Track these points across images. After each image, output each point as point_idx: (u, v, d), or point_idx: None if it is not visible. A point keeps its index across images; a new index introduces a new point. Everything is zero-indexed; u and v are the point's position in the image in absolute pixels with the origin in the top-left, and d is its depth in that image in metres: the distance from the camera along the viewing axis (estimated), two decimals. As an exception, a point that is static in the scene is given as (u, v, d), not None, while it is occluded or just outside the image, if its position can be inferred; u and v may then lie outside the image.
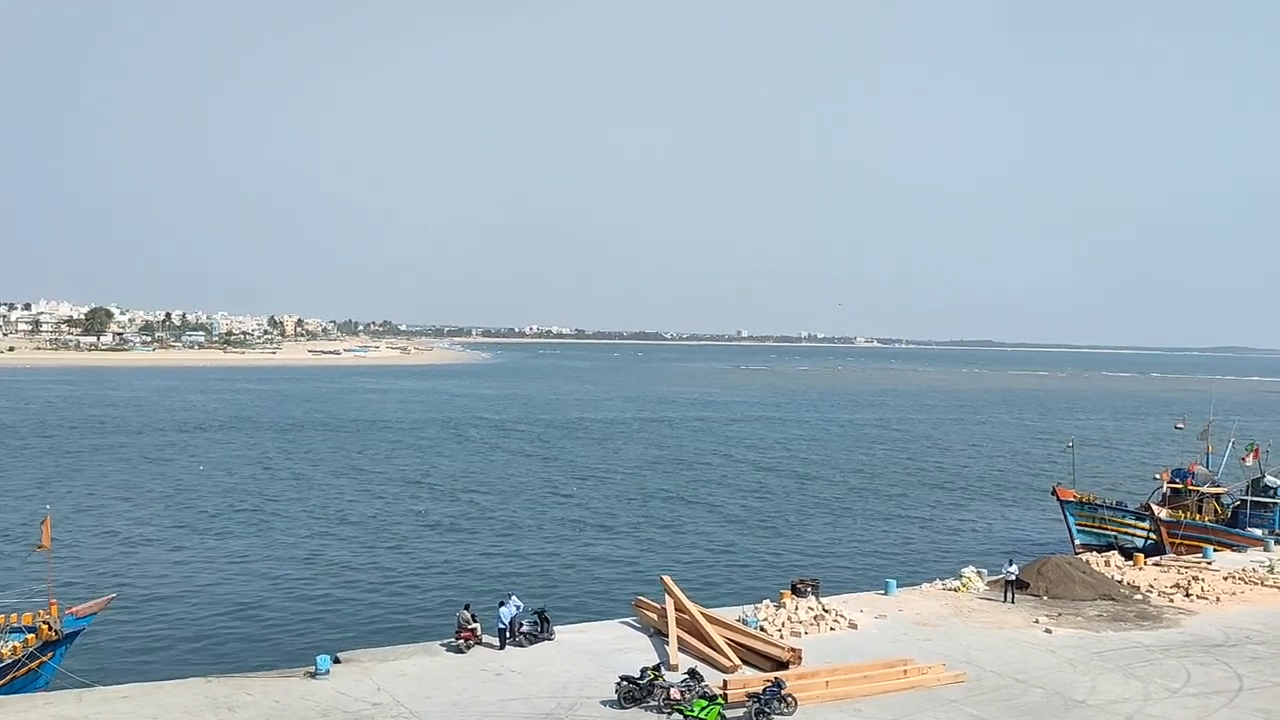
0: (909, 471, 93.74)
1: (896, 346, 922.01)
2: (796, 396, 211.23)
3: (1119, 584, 39.00)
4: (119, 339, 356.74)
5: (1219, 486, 56.26)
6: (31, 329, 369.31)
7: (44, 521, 32.76)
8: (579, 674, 27.60)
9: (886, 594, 37.36)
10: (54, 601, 30.90)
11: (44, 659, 29.29)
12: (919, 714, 25.06)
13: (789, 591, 35.88)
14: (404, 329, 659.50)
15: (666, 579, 33.89)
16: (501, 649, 29.78)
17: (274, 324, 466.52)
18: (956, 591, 38.26)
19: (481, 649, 29.89)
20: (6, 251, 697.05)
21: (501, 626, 30.04)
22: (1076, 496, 58.38)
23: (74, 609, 31.25)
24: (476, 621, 30.30)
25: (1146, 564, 44.37)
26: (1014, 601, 36.52)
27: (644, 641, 31.19)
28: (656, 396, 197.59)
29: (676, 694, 24.29)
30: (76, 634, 31.42)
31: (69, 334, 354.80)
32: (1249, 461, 58.51)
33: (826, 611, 33.47)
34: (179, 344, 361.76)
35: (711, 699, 24.05)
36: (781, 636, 31.23)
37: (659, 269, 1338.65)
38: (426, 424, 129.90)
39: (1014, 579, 37.19)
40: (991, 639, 31.90)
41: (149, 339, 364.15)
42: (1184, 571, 41.94)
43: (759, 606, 34.31)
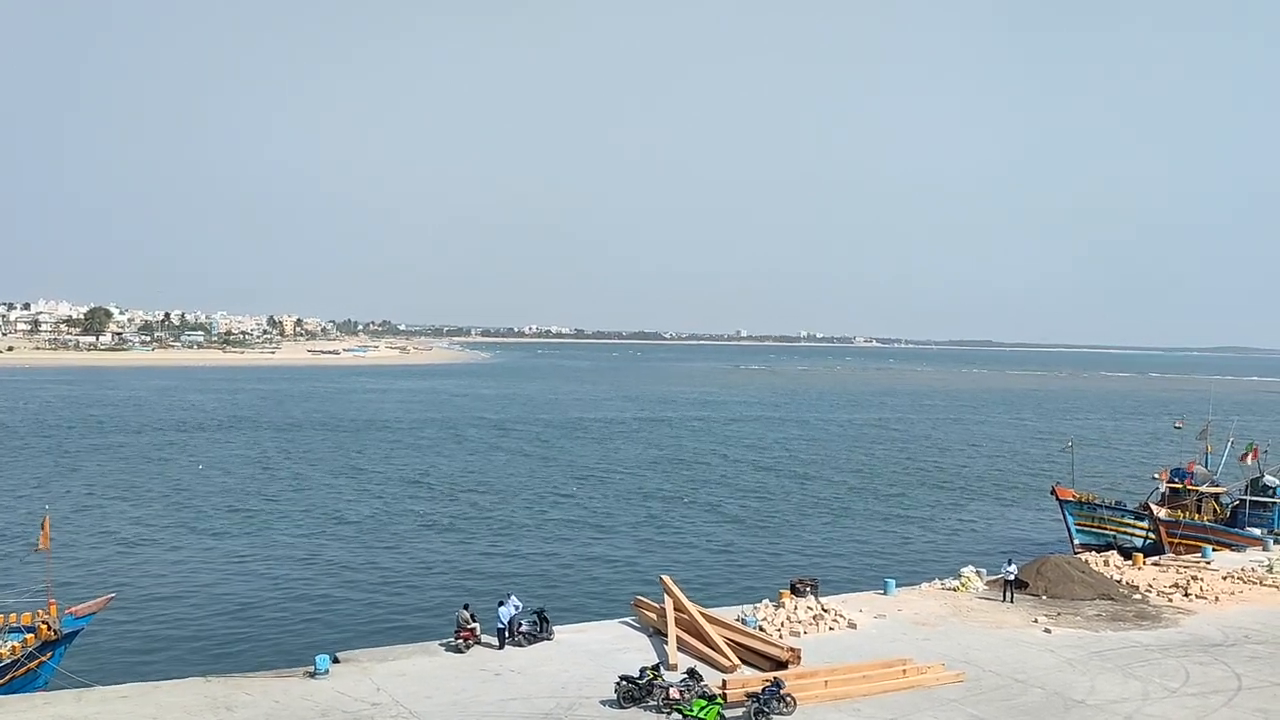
0: (908, 471, 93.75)
1: (895, 346, 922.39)
2: (795, 396, 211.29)
3: (1118, 584, 39.03)
4: (118, 339, 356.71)
5: (1218, 486, 56.28)
6: (30, 329, 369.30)
7: (43, 521, 32.79)
8: (578, 674, 27.61)
9: (885, 594, 37.38)
10: (53, 601, 30.88)
11: (43, 659, 29.28)
12: (918, 714, 25.07)
13: (788, 591, 35.90)
14: (403, 329, 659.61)
15: (665, 579, 33.91)
16: (501, 649, 29.79)
17: (273, 324, 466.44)
18: (955, 591, 38.28)
19: (481, 649, 29.90)
20: (6, 251, 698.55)
21: (501, 626, 30.06)
22: (1075, 496, 58.37)
23: (73, 609, 31.23)
24: (476, 621, 30.31)
25: (1145, 564, 44.41)
26: (1013, 601, 36.55)
27: (643, 641, 31.20)
28: (655, 396, 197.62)
29: (676, 694, 24.30)
30: (75, 634, 31.41)
31: (68, 334, 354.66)
32: (1248, 461, 58.54)
33: (825, 611, 33.49)
34: (178, 344, 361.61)
35: (711, 699, 24.06)
36: (780, 636, 31.24)
37: (659, 269, 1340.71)
38: (425, 424, 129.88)
39: (1013, 579, 37.23)
40: (990, 639, 31.92)
41: (148, 339, 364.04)
42: (1183, 571, 41.99)
43: (758, 606, 34.31)
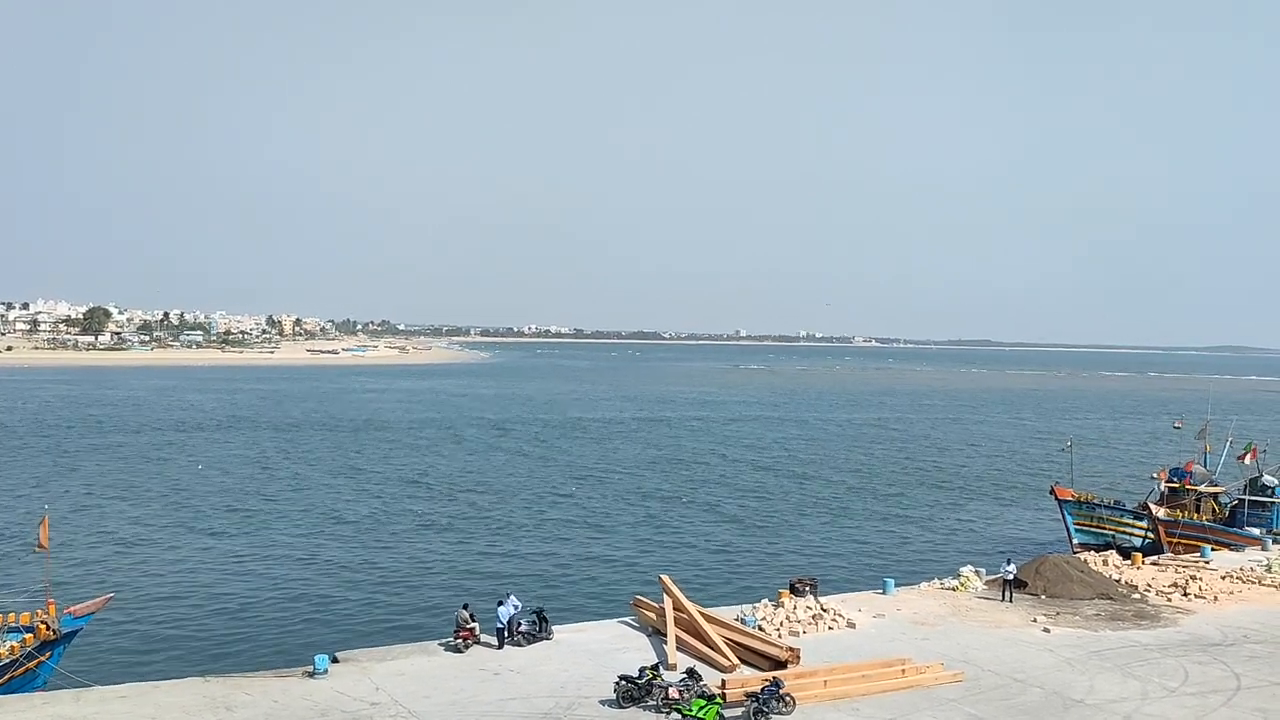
0: (907, 471, 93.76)
1: (895, 346, 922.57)
2: (794, 396, 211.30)
3: (1117, 583, 39.05)
4: (117, 338, 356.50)
5: (1216, 486, 56.30)
6: (29, 328, 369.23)
7: (42, 521, 32.80)
8: (577, 673, 27.61)
9: (884, 593, 37.39)
10: (52, 601, 30.87)
11: (42, 659, 29.27)
12: (917, 713, 25.08)
13: (787, 591, 35.92)
14: (402, 329, 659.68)
15: (665, 578, 33.91)
16: (500, 648, 29.79)
17: (272, 323, 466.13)
18: (954, 591, 38.28)
19: (480, 648, 29.91)
20: (5, 251, 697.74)
21: (500, 626, 30.06)
22: (1074, 496, 58.36)
23: (72, 609, 31.21)
24: (475, 621, 30.31)
25: (1144, 563, 44.43)
26: (1012, 601, 36.57)
27: (642, 641, 31.20)
28: (654, 396, 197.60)
29: (675, 693, 24.30)
30: (74, 634, 31.40)
31: (67, 333, 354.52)
32: (1246, 461, 58.57)
33: (825, 611, 33.50)
34: (177, 343, 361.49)
35: (710, 698, 24.05)
36: (780, 636, 31.23)
37: (659, 269, 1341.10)
38: (424, 423, 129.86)
39: (1012, 578, 37.23)
40: (989, 638, 31.93)
41: (147, 338, 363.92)
42: (1182, 571, 42.02)
43: (757, 606, 34.31)
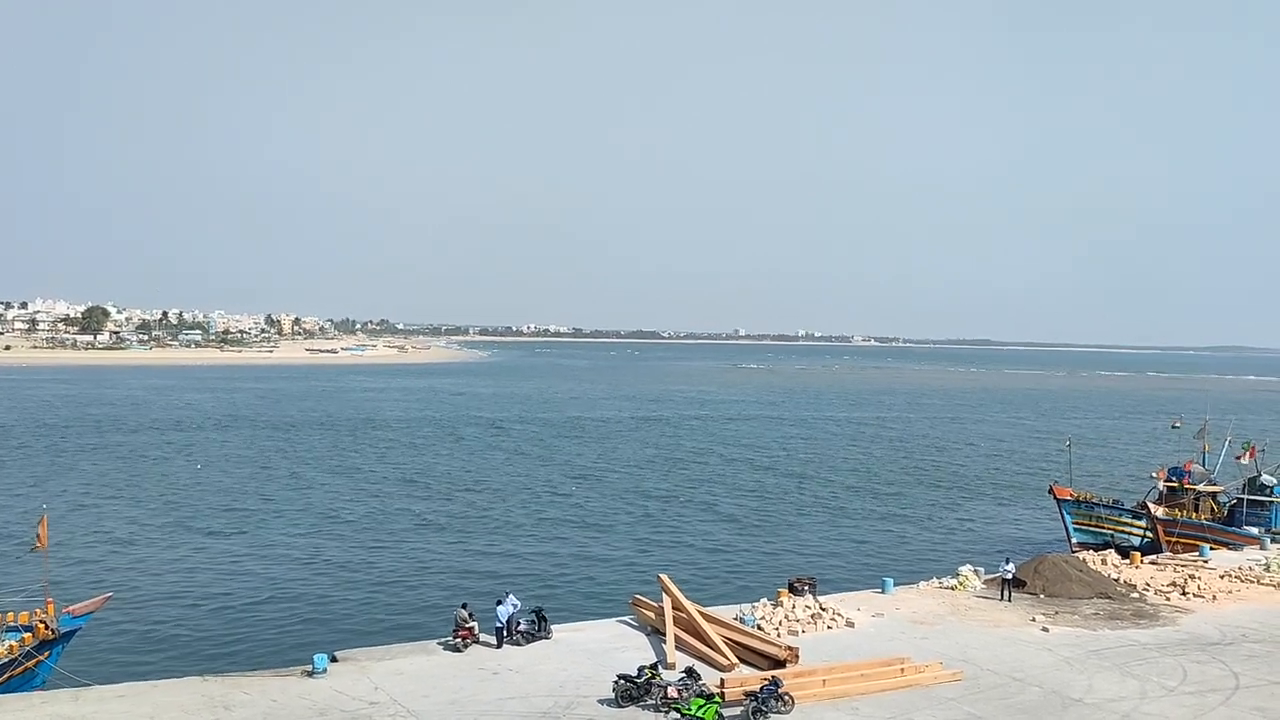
0: (906, 470, 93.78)
1: (894, 345, 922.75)
2: (793, 395, 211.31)
3: (1116, 582, 39.06)
4: (116, 338, 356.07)
5: (1215, 485, 56.34)
6: (28, 328, 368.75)
7: (40, 520, 32.77)
8: (576, 673, 27.60)
9: (883, 592, 37.39)
10: (50, 600, 30.87)
11: (40, 658, 29.25)
12: (916, 712, 25.08)
13: (786, 590, 35.92)
14: (401, 328, 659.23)
15: (664, 577, 33.89)
16: (499, 648, 29.78)
17: (271, 322, 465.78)
18: (953, 590, 38.28)
19: (479, 648, 29.90)
20: (4, 250, 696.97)
21: (499, 625, 30.05)
22: (1073, 495, 58.40)
23: (70, 608, 31.20)
24: (474, 620, 30.31)
25: (1143, 562, 44.43)
26: (1011, 600, 36.57)
27: (641, 640, 31.20)
28: (653, 395, 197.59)
29: (674, 692, 24.29)
30: (73, 633, 31.39)
31: (65, 333, 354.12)
32: (1245, 460, 58.61)
33: (824, 610, 33.50)
34: (175, 343, 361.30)
35: (709, 697, 24.04)
36: (779, 635, 31.23)
37: (658, 269, 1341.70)
38: (423, 423, 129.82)
39: (1011, 577, 37.22)
40: (988, 637, 31.94)
41: (145, 338, 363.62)
42: (1180, 570, 42.04)
43: (756, 605, 34.31)
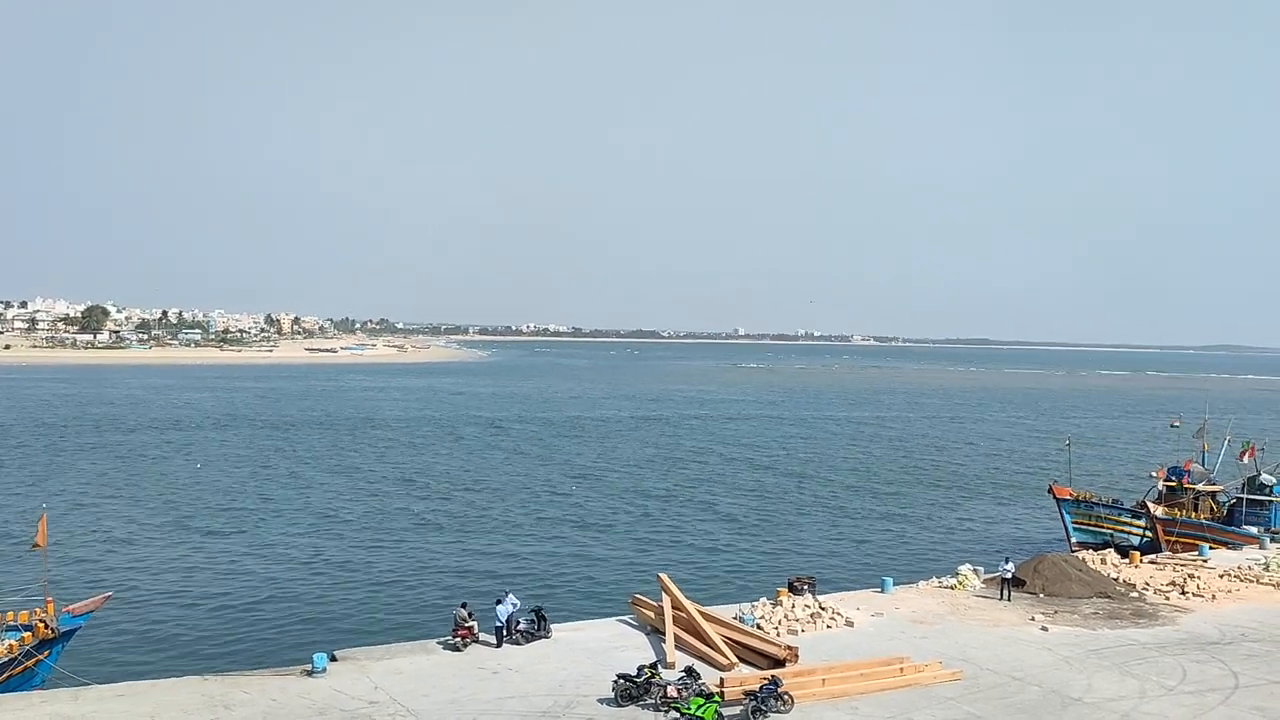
0: (905, 469, 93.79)
1: (893, 345, 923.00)
2: (793, 394, 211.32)
3: (1115, 582, 39.07)
4: (115, 337, 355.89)
5: (1214, 484, 56.38)
6: (28, 327, 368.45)
7: (40, 519, 32.78)
8: (576, 672, 27.61)
9: (883, 592, 37.40)
10: (50, 599, 30.90)
11: (40, 657, 29.27)
12: (915, 712, 25.09)
13: (786, 589, 35.92)
14: (401, 327, 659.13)
15: (663, 577, 33.90)
16: (498, 647, 29.80)
17: (271, 322, 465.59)
18: (953, 589, 38.30)
19: (478, 647, 29.91)
20: (4, 250, 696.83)
21: (498, 624, 30.07)
22: (1073, 494, 58.43)
23: (70, 607, 31.23)
24: (473, 619, 30.33)
25: (1142, 562, 44.44)
26: (1010, 599, 36.58)
27: (641, 639, 31.20)
28: (653, 395, 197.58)
29: (673, 692, 24.30)
30: (73, 632, 31.40)
31: (65, 332, 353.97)
32: (1244, 459, 58.67)
33: (823, 609, 33.51)
34: (175, 342, 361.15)
35: (708, 697, 24.04)
36: (778, 634, 31.25)
37: (658, 269, 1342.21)
38: (423, 422, 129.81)
39: (1010, 577, 37.23)
40: (988, 637, 31.95)
41: (145, 337, 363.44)
42: (1180, 569, 42.05)
43: (756, 604, 34.31)
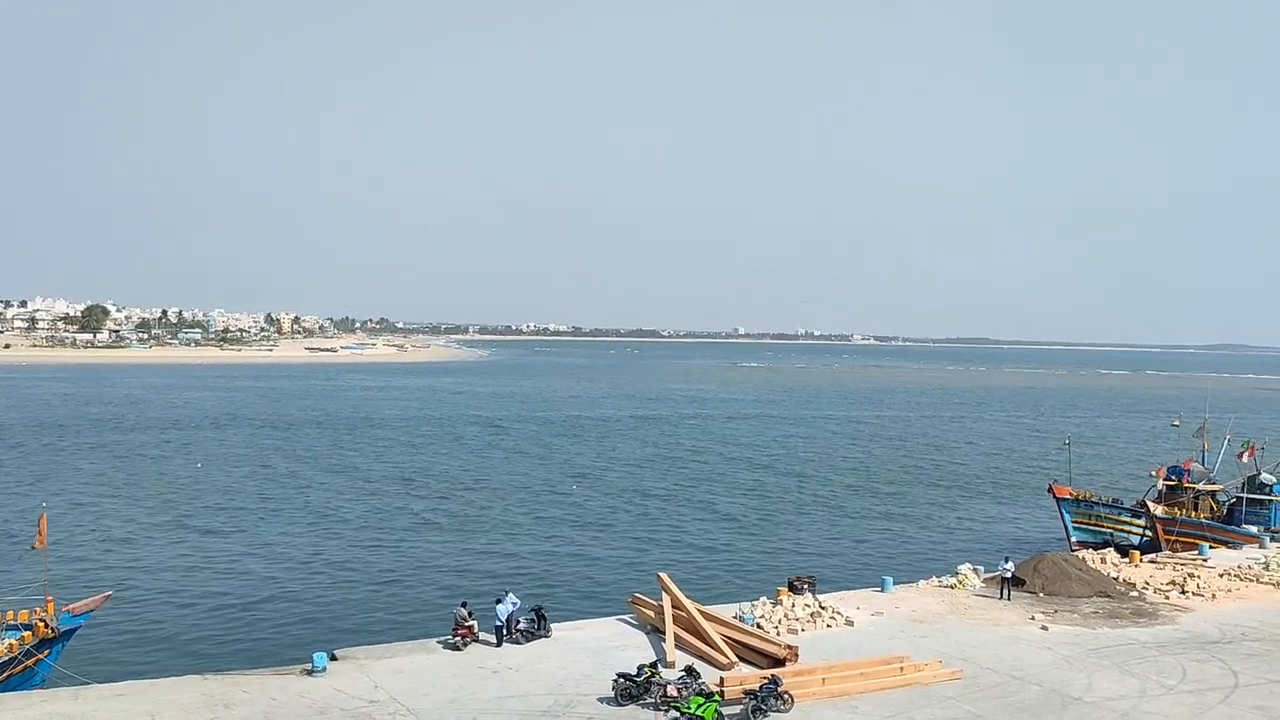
0: (905, 469, 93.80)
1: (893, 344, 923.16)
2: (793, 394, 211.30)
3: (1115, 581, 39.09)
4: (115, 336, 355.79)
5: (1214, 484, 56.40)
6: (28, 326, 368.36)
7: (40, 519, 32.78)
8: (576, 671, 27.61)
9: (883, 591, 37.41)
10: (50, 599, 30.89)
11: (40, 656, 29.28)
12: (915, 711, 25.09)
13: (785, 589, 35.94)
14: (401, 327, 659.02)
15: (663, 576, 33.90)
16: (498, 646, 29.80)
17: (271, 321, 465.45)
18: (953, 589, 38.31)
19: (478, 646, 29.92)
20: (4, 249, 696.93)
21: (498, 624, 30.07)
22: (1073, 494, 58.44)
23: (70, 606, 31.24)
24: (473, 619, 30.33)
25: (1142, 561, 44.46)
26: (1010, 599, 36.59)
27: (641, 639, 31.21)
28: (653, 394, 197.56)
29: (673, 691, 24.30)
30: (73, 631, 31.41)
31: (65, 331, 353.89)
32: (1244, 459, 58.66)
33: (823, 609, 33.53)
34: (175, 341, 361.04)
35: (708, 696, 24.04)
36: (778, 634, 31.26)
37: (658, 269, 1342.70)
38: (422, 421, 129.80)
39: (1010, 576, 37.25)
40: (988, 636, 31.96)
41: (145, 336, 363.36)
42: (1180, 569, 42.06)
43: (756, 604, 34.33)
